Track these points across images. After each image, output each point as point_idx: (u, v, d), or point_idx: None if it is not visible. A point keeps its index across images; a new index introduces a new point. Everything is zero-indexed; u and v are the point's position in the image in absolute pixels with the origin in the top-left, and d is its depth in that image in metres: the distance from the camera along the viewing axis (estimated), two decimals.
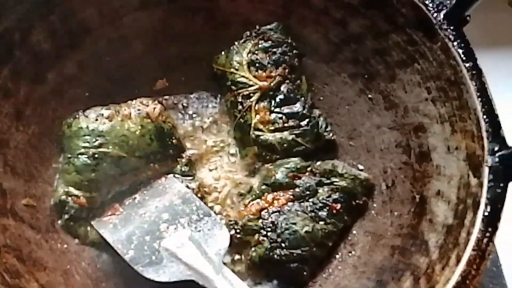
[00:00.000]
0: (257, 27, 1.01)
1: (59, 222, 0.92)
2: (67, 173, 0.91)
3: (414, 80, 0.90)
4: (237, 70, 1.00)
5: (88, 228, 0.91)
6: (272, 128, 0.97)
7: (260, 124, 0.98)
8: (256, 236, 0.91)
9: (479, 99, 0.78)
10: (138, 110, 0.96)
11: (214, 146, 1.04)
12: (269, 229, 0.91)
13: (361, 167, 0.99)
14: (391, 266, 0.85)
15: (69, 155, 0.91)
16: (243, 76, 0.99)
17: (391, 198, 0.93)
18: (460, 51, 0.81)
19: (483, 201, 0.74)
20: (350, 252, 0.93)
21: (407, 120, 0.93)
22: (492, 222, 0.71)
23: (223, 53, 1.03)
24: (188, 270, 0.83)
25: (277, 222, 0.91)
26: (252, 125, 0.98)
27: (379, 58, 0.95)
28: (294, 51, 1.00)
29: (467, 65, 0.80)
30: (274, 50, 0.99)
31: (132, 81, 1.04)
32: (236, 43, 1.02)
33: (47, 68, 0.94)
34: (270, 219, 0.91)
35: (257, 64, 0.99)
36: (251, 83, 0.99)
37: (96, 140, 0.90)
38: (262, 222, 0.92)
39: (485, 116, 0.77)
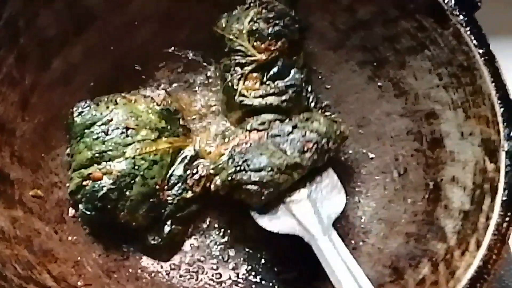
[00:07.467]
0: None
1: (74, 212, 0.90)
2: (78, 153, 0.90)
3: (425, 67, 0.89)
4: (236, 38, 0.95)
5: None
6: (258, 94, 0.94)
7: (246, 91, 0.94)
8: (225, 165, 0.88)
9: (493, 84, 0.79)
10: (144, 96, 0.97)
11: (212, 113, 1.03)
12: (236, 158, 0.87)
13: (371, 155, 0.98)
14: (407, 253, 0.85)
15: (79, 138, 0.91)
16: (241, 45, 0.95)
17: (404, 185, 0.93)
18: (473, 37, 0.81)
19: (501, 186, 0.75)
20: (364, 240, 0.93)
21: (418, 107, 0.92)
22: (511, 206, 0.72)
23: (224, 14, 0.98)
24: (298, 226, 0.85)
25: (247, 151, 0.87)
26: (238, 90, 0.95)
27: (388, 45, 0.94)
28: (296, 26, 0.96)
29: (480, 51, 0.80)
30: (276, 21, 0.94)
31: (137, 68, 1.02)
32: (238, 7, 0.96)
33: (52, 55, 0.92)
34: (239, 150, 0.88)
35: (257, 34, 0.94)
36: (249, 53, 0.94)
37: (106, 119, 0.92)
38: (231, 154, 0.88)
39: (500, 101, 0.78)
